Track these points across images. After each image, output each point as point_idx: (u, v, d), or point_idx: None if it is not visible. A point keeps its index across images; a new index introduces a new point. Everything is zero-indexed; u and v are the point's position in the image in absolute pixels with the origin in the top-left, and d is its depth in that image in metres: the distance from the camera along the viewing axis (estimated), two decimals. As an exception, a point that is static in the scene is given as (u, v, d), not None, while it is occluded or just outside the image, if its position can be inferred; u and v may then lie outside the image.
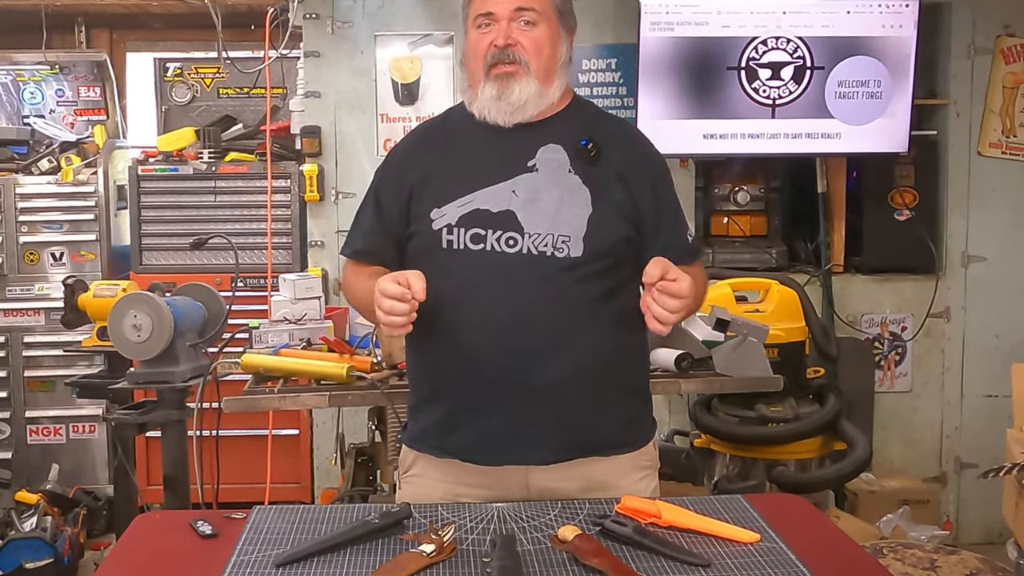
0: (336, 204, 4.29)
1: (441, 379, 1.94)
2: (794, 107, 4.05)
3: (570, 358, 1.87)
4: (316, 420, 4.35)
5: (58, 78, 5.00)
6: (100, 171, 4.54)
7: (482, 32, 1.92)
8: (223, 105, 4.80)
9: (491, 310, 1.86)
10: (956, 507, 4.36)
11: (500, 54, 1.89)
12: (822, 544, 1.71)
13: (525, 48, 1.89)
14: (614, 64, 4.25)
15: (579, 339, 1.87)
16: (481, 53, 1.91)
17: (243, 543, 1.65)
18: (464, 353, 1.88)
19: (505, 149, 1.93)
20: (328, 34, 4.24)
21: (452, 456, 1.93)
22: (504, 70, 1.89)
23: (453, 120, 2.04)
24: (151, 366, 3.03)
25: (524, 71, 1.89)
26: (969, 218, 4.30)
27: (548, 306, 1.86)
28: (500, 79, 1.89)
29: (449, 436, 1.93)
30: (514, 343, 1.85)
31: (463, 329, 1.88)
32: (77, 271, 4.41)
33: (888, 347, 4.33)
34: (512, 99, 1.89)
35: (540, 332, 1.86)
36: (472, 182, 1.90)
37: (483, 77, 1.90)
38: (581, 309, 1.87)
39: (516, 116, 1.91)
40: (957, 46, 4.25)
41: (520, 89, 1.89)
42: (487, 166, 1.92)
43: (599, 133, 1.95)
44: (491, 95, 1.89)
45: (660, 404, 4.12)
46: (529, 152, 1.92)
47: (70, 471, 4.39)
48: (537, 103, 1.91)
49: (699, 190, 4.34)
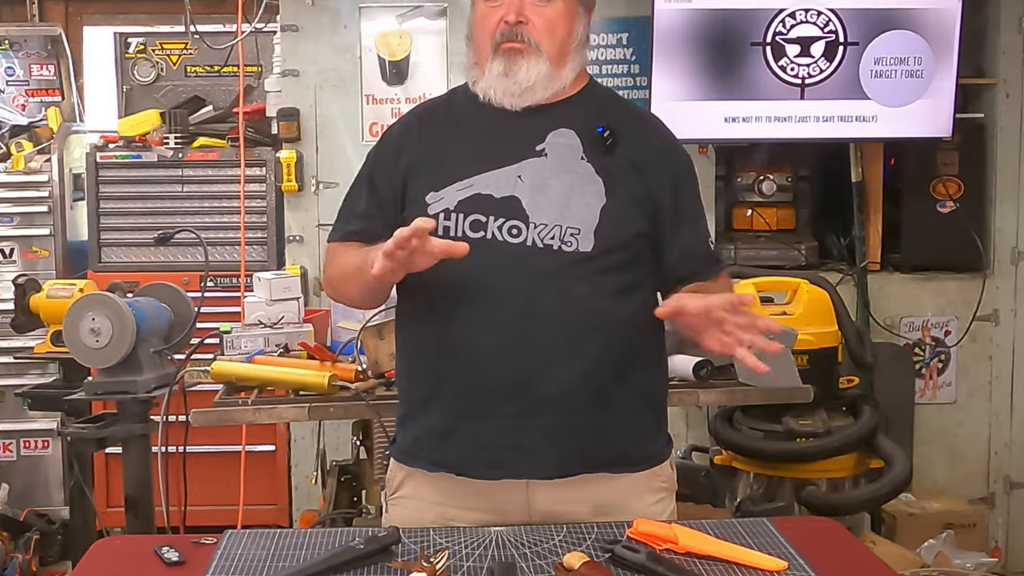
0: (317, 195, 4.29)
1: (436, 381, 1.94)
2: (825, 87, 4.05)
3: (577, 362, 1.87)
4: (294, 435, 4.36)
5: (7, 55, 5.00)
6: (54, 158, 4.55)
7: (492, 5, 1.92)
8: (191, 85, 4.81)
9: (491, 306, 1.86)
10: (1005, 531, 4.37)
11: (510, 31, 1.90)
12: (856, 572, 1.71)
13: (536, 27, 1.90)
14: (625, 39, 4.25)
15: (587, 341, 1.87)
16: (490, 29, 1.91)
17: (213, 571, 1.65)
18: (460, 353, 1.89)
19: (512, 132, 1.93)
20: (307, 6, 4.24)
21: (446, 469, 1.93)
22: (512, 46, 1.90)
23: (456, 101, 2.05)
24: (111, 375, 3.03)
25: (534, 51, 1.90)
26: (1020, 210, 4.30)
27: (553, 303, 1.86)
28: (508, 55, 1.90)
29: (443, 445, 1.93)
30: (515, 343, 1.86)
31: (460, 327, 1.88)
32: (29, 269, 4.41)
33: (930, 354, 4.34)
34: (519, 77, 1.90)
35: (544, 332, 1.86)
36: (474, 165, 1.91)
37: (491, 54, 1.91)
38: (591, 308, 1.88)
39: (524, 98, 1.91)
40: (1007, 19, 4.25)
41: (528, 67, 1.89)
42: (491, 149, 1.93)
43: (616, 120, 1.96)
44: (498, 71, 1.90)
45: (677, 417, 4.12)
46: (538, 136, 1.93)
47: (21, 491, 4.41)
48: (547, 85, 1.92)
49: (720, 179, 4.34)
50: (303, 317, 3.30)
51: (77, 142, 4.71)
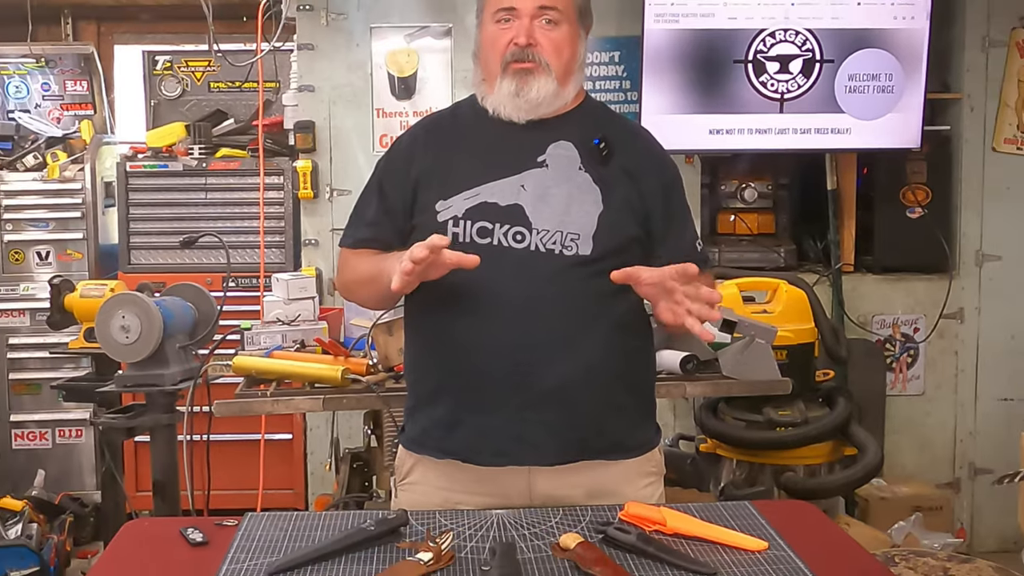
0: (331, 201, 4.29)
1: (444, 376, 1.93)
2: (803, 101, 4.05)
3: (576, 357, 1.87)
4: (310, 424, 4.35)
5: (44, 72, 5.00)
6: (87, 167, 4.55)
7: (502, 27, 1.92)
8: (214, 99, 4.80)
9: (496, 307, 1.86)
10: (970, 514, 4.36)
11: (520, 52, 1.90)
12: (832, 552, 1.71)
13: (545, 49, 1.90)
14: (617, 57, 4.24)
15: (586, 338, 1.88)
16: (500, 49, 1.91)
17: (235, 551, 1.65)
18: (468, 350, 1.88)
19: (515, 144, 1.93)
20: (322, 26, 4.24)
21: (453, 456, 1.93)
22: (523, 66, 1.90)
23: (462, 113, 2.05)
24: (140, 369, 3.03)
25: (543, 70, 1.90)
26: (983, 216, 4.29)
27: (555, 304, 1.87)
28: (519, 75, 1.90)
29: (450, 435, 1.93)
30: (520, 341, 1.86)
31: (466, 325, 1.88)
32: (64, 271, 4.41)
33: (900, 349, 4.33)
34: (530, 96, 1.90)
35: (546, 330, 1.86)
36: (480, 175, 1.91)
37: (500, 73, 1.91)
38: (588, 308, 1.88)
39: (532, 114, 1.92)
40: (971, 39, 4.24)
41: (538, 87, 1.90)
42: (496, 160, 1.92)
43: (610, 133, 1.96)
44: (509, 91, 1.90)
45: (665, 408, 4.11)
46: (539, 148, 1.93)
47: (56, 477, 4.40)
48: (553, 102, 1.93)
49: (705, 187, 4.34)
50: (318, 315, 3.29)
51: (108, 153, 4.71)
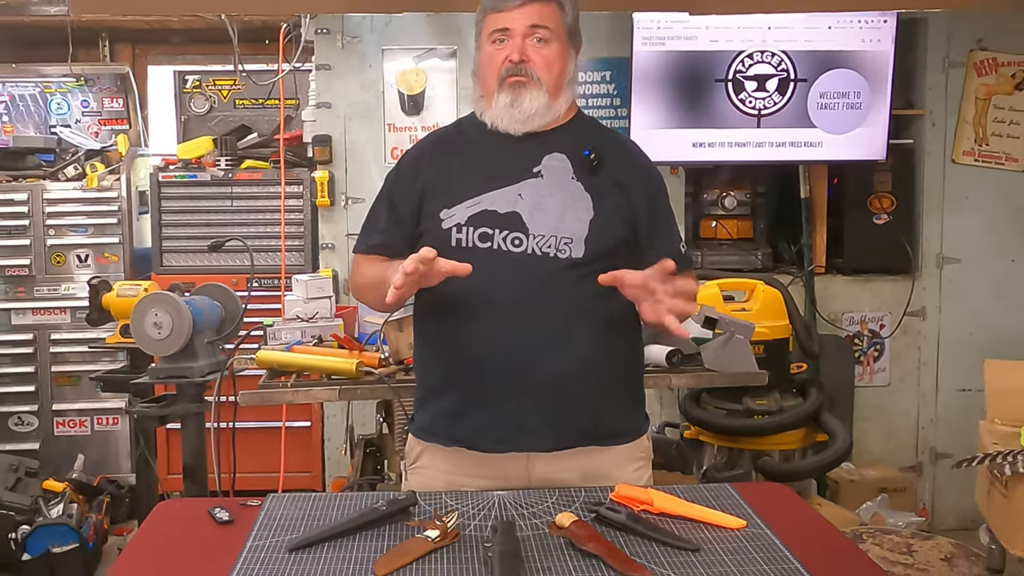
0: (346, 209, 4.29)
1: (450, 371, 1.94)
2: (778, 117, 4.05)
3: (570, 352, 1.87)
4: (327, 413, 4.35)
5: (83, 90, 5.00)
6: (123, 177, 4.54)
7: (497, 47, 1.92)
8: (239, 115, 4.80)
9: (497, 306, 1.86)
10: (932, 495, 4.36)
11: (514, 68, 1.90)
12: (805, 530, 1.71)
13: (537, 64, 1.90)
14: (608, 76, 4.25)
15: (579, 334, 1.88)
16: (496, 66, 1.92)
17: (258, 529, 1.65)
18: (472, 347, 1.89)
19: (512, 156, 1.93)
20: (338, 48, 4.24)
21: (459, 444, 1.93)
22: (517, 79, 1.90)
23: (463, 129, 2.05)
24: (171, 362, 3.03)
25: (535, 84, 1.90)
26: (944, 222, 4.29)
27: (550, 303, 1.87)
28: (513, 88, 1.90)
29: (457, 425, 1.93)
30: (519, 338, 1.86)
31: (470, 324, 1.88)
32: (101, 272, 4.40)
33: (867, 344, 4.33)
34: (524, 107, 1.90)
35: (543, 328, 1.86)
36: (481, 185, 1.91)
37: (497, 88, 1.91)
38: (581, 306, 1.88)
39: (526, 125, 1.92)
40: (932, 59, 4.24)
41: (531, 99, 1.90)
42: (495, 171, 1.92)
43: (601, 145, 1.96)
44: (505, 103, 1.91)
45: (652, 398, 4.11)
46: (535, 159, 1.93)
47: (94, 461, 4.40)
48: (545, 114, 1.92)
49: (689, 195, 4.34)
50: (334, 313, 3.29)
51: (142, 164, 4.70)
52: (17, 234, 4.47)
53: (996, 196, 4.28)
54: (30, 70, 4.96)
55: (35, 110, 5.00)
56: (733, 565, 1.53)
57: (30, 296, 4.50)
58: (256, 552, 1.56)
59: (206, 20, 4.58)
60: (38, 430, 4.52)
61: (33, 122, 4.99)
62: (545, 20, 1.91)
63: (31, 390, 4.51)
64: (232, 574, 1.50)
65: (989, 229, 4.29)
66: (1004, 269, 4.31)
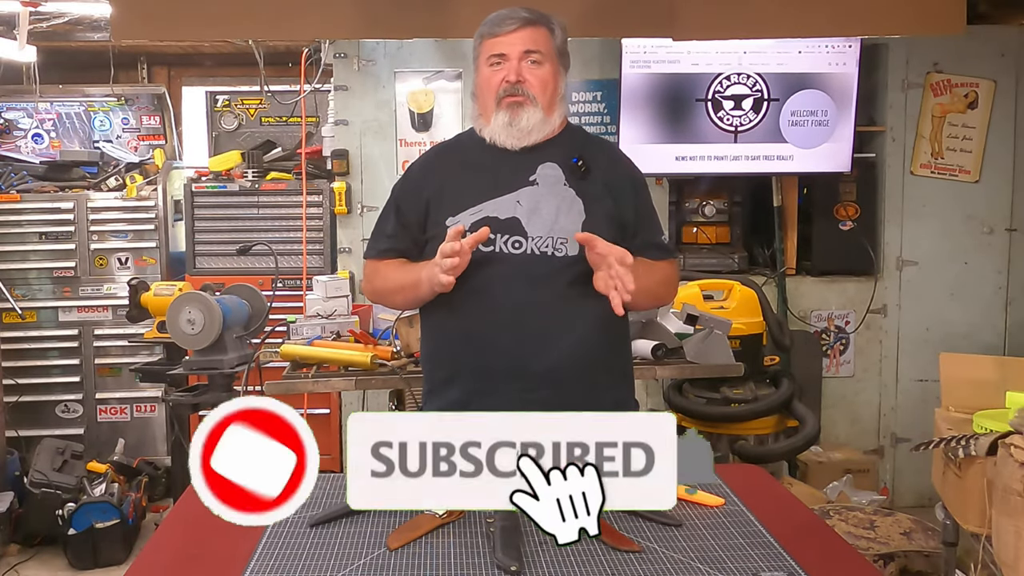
0: (361, 216, 4.29)
1: (455, 366, 1.93)
2: (753, 133, 4.05)
3: (568, 345, 1.86)
4: (344, 401, 4.35)
5: (123, 108, 5.00)
6: (159, 188, 4.54)
7: (494, 70, 1.92)
8: (265, 131, 4.80)
9: (500, 304, 1.86)
10: (892, 476, 4.36)
11: (511, 88, 1.89)
12: (777, 507, 1.71)
13: (532, 85, 1.90)
14: (599, 96, 4.25)
15: (575, 328, 1.87)
16: (494, 87, 1.91)
17: (282, 506, 1.65)
18: (474, 342, 1.88)
19: (510, 167, 1.93)
20: (355, 71, 4.24)
21: (464, 432, 1.93)
22: (514, 99, 1.89)
23: (464, 143, 2.04)
24: (203, 355, 3.04)
25: (531, 103, 1.90)
26: (903, 228, 4.30)
27: (549, 299, 1.86)
28: (511, 108, 1.89)
29: (462, 415, 1.93)
30: (520, 333, 1.85)
31: (473, 321, 1.88)
32: (140, 274, 4.40)
33: (834, 339, 4.33)
34: (521, 125, 1.89)
35: (542, 323, 1.86)
36: (482, 194, 1.90)
37: (495, 107, 1.91)
38: (576, 302, 1.87)
39: (523, 140, 1.91)
40: (893, 81, 4.25)
41: (528, 117, 1.89)
42: (495, 181, 1.92)
43: (588, 153, 1.96)
44: (503, 122, 1.90)
45: (638, 388, 4.05)
46: (530, 169, 1.92)
47: (134, 445, 4.40)
48: (541, 129, 1.92)
49: (672, 204, 4.34)
50: (351, 310, 3.29)
51: (177, 176, 4.70)
52: (64, 239, 4.48)
53: (950, 205, 4.28)
54: (75, 91, 4.97)
55: (80, 127, 5.00)
56: (712, 539, 1.54)
57: (75, 295, 4.50)
58: (280, 527, 1.56)
59: (235, 45, 4.58)
60: (83, 417, 4.52)
61: (78, 138, 5.00)
62: (538, 44, 1.91)
63: (76, 380, 4.51)
64: (259, 546, 1.50)
65: (944, 235, 4.29)
66: (957, 271, 4.32)
